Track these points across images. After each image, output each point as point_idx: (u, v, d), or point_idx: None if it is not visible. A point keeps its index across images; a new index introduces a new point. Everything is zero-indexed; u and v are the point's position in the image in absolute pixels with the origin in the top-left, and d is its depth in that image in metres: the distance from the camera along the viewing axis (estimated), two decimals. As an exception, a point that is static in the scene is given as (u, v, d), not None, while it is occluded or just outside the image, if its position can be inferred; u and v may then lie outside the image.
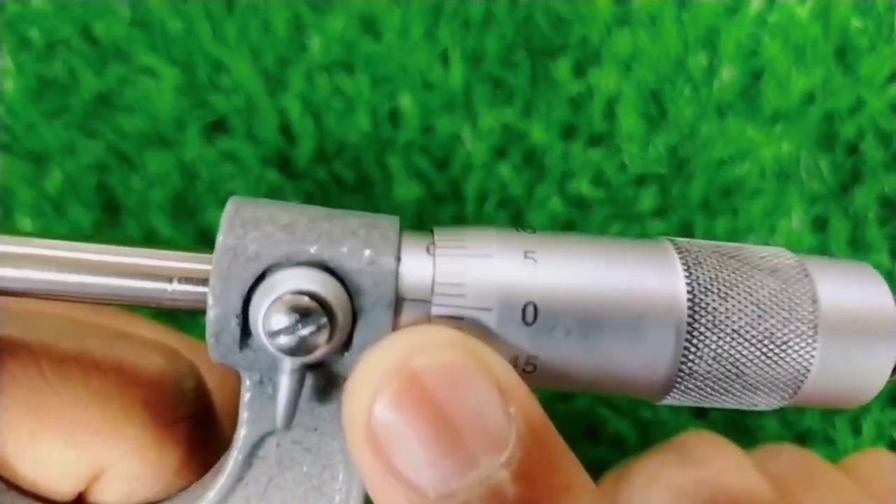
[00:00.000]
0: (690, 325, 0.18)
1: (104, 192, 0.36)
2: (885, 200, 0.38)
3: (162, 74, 0.36)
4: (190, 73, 0.37)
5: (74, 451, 0.20)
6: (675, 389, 0.19)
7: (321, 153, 0.37)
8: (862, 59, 0.38)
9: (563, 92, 0.38)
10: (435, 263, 0.18)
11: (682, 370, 0.18)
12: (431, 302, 0.17)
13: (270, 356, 0.17)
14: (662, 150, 0.38)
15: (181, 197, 0.36)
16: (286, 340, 0.16)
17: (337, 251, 0.17)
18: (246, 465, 0.19)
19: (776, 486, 0.25)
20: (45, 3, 0.37)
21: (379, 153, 0.37)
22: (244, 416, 0.19)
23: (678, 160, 0.38)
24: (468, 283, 0.17)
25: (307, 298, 0.16)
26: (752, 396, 0.19)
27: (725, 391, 0.19)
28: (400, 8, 0.37)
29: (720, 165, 0.38)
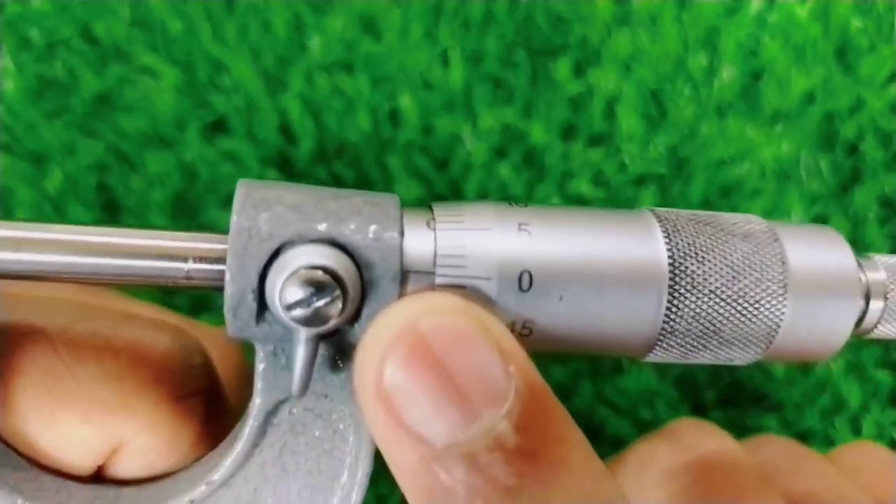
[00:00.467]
0: (671, 287, 0.19)
1: (104, 191, 0.36)
2: (884, 200, 0.38)
3: (162, 74, 0.36)
4: (190, 73, 0.37)
5: (92, 428, 0.21)
6: (657, 347, 0.20)
7: (321, 153, 0.37)
8: (862, 59, 0.38)
9: (563, 92, 0.38)
10: (436, 237, 0.19)
11: (664, 329, 0.20)
12: (435, 273, 0.19)
13: (285, 328, 0.18)
14: (662, 150, 0.38)
15: (181, 197, 0.36)
16: (302, 312, 0.17)
17: (345, 228, 0.18)
18: (261, 432, 0.20)
19: (765, 472, 0.26)
20: (45, 3, 0.37)
21: (379, 153, 0.37)
22: (259, 385, 0.20)
23: (678, 160, 0.38)
24: (468, 254, 0.19)
25: (320, 272, 0.17)
26: (728, 351, 0.21)
27: (704, 347, 0.20)
28: (400, 8, 0.37)
29: (720, 165, 0.38)
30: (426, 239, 0.19)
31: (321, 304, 0.17)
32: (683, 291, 0.19)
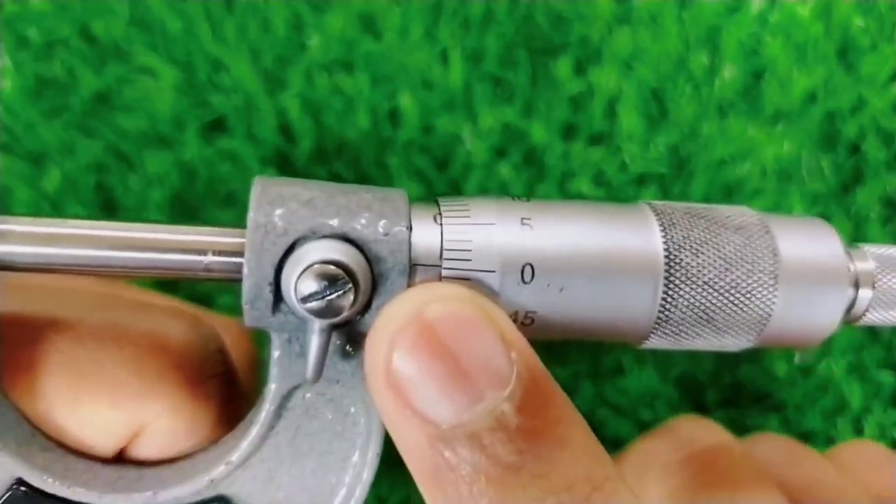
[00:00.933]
0: (667, 278, 0.20)
1: (103, 191, 0.36)
2: (886, 200, 0.38)
3: (161, 74, 0.36)
4: (189, 72, 0.37)
5: (114, 411, 0.22)
6: (653, 334, 0.21)
7: (321, 153, 0.37)
8: (863, 58, 0.38)
9: (563, 91, 0.37)
10: (442, 232, 0.20)
11: (660, 318, 0.21)
12: (441, 266, 0.19)
13: (300, 318, 0.19)
14: (663, 149, 0.38)
15: (180, 196, 0.36)
16: (316, 304, 0.18)
17: (356, 224, 0.19)
18: (276, 415, 0.21)
19: (762, 466, 0.26)
20: (43, 2, 0.36)
21: (379, 153, 0.37)
22: (274, 371, 0.21)
23: (679, 160, 0.38)
24: (473, 248, 0.19)
25: (333, 267, 0.18)
26: (721, 339, 0.21)
27: (698, 335, 0.21)
28: (400, 7, 0.37)
29: (721, 165, 0.38)
30: (433, 233, 0.20)
31: (334, 296, 0.18)
32: (678, 283, 0.20)
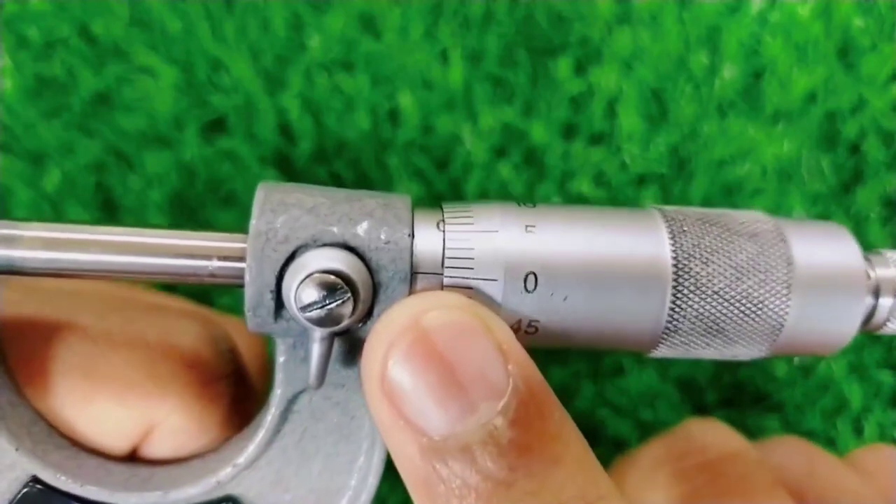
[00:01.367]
0: (675, 288, 0.20)
1: (102, 191, 0.36)
2: (886, 200, 0.38)
3: (161, 74, 0.36)
4: (189, 72, 0.37)
5: (126, 410, 0.22)
6: (661, 344, 0.20)
7: (320, 152, 0.37)
8: (863, 58, 0.38)
9: (563, 91, 0.37)
10: (445, 239, 0.19)
11: (667, 328, 0.20)
12: (443, 274, 0.19)
13: (302, 325, 0.19)
14: (663, 149, 0.38)
15: (180, 196, 0.36)
16: (316, 313, 0.18)
17: (357, 232, 0.19)
18: (282, 418, 0.21)
19: (778, 474, 0.26)
20: (43, 2, 0.36)
21: (379, 153, 0.37)
22: (280, 376, 0.21)
23: (679, 160, 0.38)
24: (476, 256, 0.19)
25: (333, 276, 0.18)
26: (732, 349, 0.21)
27: (707, 345, 0.21)
28: (400, 7, 0.37)
29: (721, 165, 0.38)
30: (435, 240, 0.19)
31: (333, 306, 0.18)
32: (687, 293, 0.20)
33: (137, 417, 0.22)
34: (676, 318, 0.20)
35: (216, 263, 0.19)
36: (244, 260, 0.19)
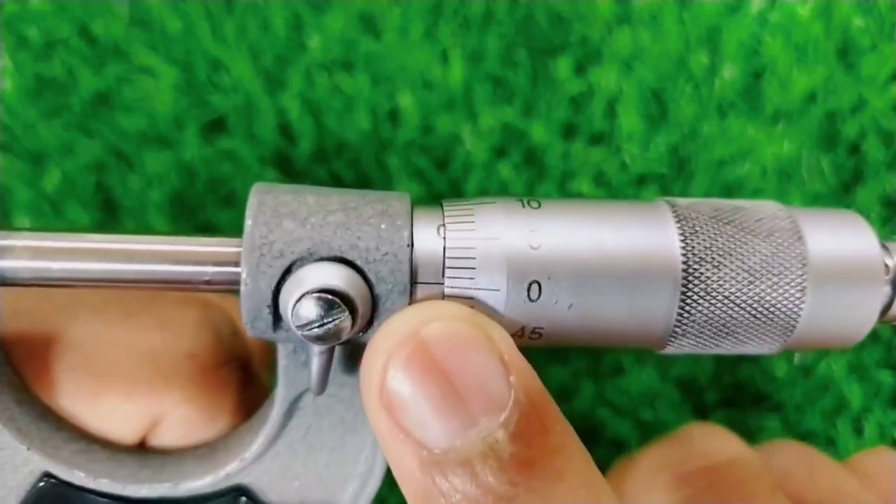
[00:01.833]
0: (684, 293, 0.19)
1: (103, 191, 0.36)
2: (886, 200, 0.38)
3: (161, 74, 0.36)
4: (189, 72, 0.37)
5: (132, 404, 0.22)
6: (669, 346, 0.20)
7: (320, 152, 0.37)
8: (863, 58, 0.38)
9: (563, 91, 0.37)
10: (445, 247, 0.19)
11: (675, 332, 0.20)
12: (444, 284, 0.19)
13: (301, 339, 0.19)
14: (663, 149, 0.38)
15: (180, 196, 0.36)
16: (313, 332, 0.18)
17: (353, 244, 0.18)
18: (287, 416, 0.22)
19: (778, 479, 0.25)
20: (43, 2, 0.36)
21: (378, 153, 0.37)
22: (282, 379, 0.21)
23: (679, 160, 0.38)
24: (477, 266, 0.19)
25: (329, 295, 0.18)
26: (742, 348, 0.21)
27: (717, 345, 0.20)
28: (400, 7, 0.37)
29: (721, 165, 0.38)
30: (436, 248, 0.19)
31: (331, 325, 0.18)
32: (696, 298, 0.19)
33: (143, 411, 0.23)
34: (685, 322, 0.19)
35: (212, 269, 0.19)
36: (240, 265, 0.19)
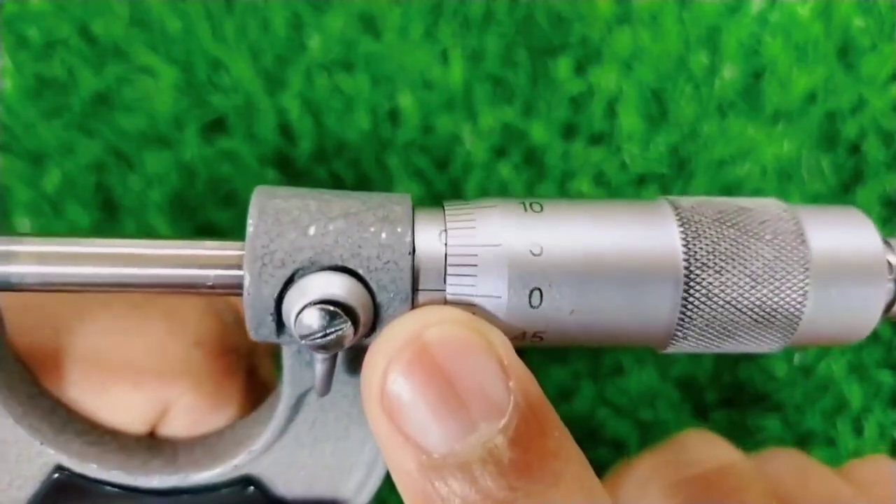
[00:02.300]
0: (685, 298, 0.19)
1: (103, 191, 0.36)
2: (886, 200, 0.38)
3: (161, 74, 0.36)
4: (189, 72, 0.37)
5: (140, 393, 0.23)
6: (670, 347, 0.20)
7: (321, 152, 0.37)
8: (864, 58, 0.38)
9: (563, 91, 0.37)
10: (447, 254, 0.19)
11: (676, 335, 0.20)
12: (445, 291, 0.19)
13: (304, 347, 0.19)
14: (663, 149, 0.38)
15: (180, 196, 0.36)
16: (316, 342, 0.18)
17: (355, 253, 0.19)
18: (294, 411, 0.22)
19: (772, 487, 0.25)
20: (43, 2, 0.36)
21: (379, 153, 0.37)
22: (287, 378, 0.21)
23: (679, 160, 0.38)
24: (479, 273, 0.19)
25: (331, 306, 0.18)
26: (744, 347, 0.21)
27: (718, 346, 0.20)
28: (400, 7, 0.37)
29: (721, 165, 0.38)
30: (437, 255, 0.19)
31: (333, 336, 0.18)
32: (698, 303, 0.19)
33: (152, 400, 0.23)
34: (685, 326, 0.19)
35: (215, 273, 0.19)
36: (243, 268, 0.19)
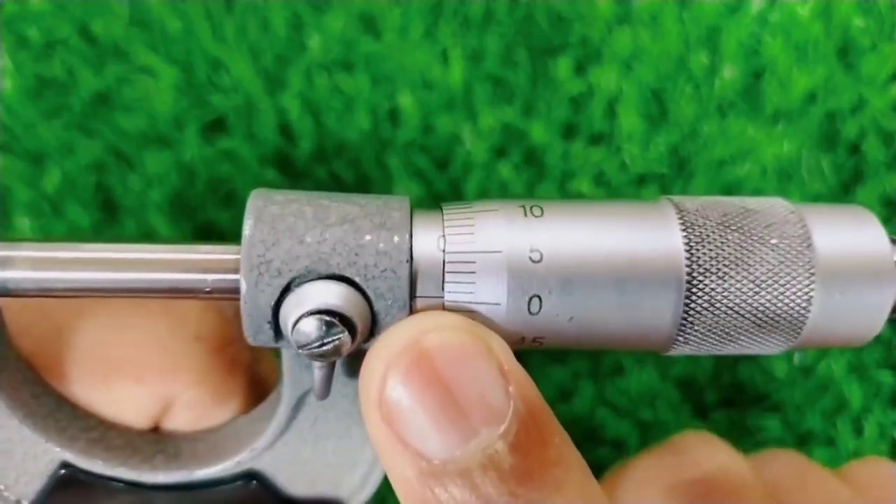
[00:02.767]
0: (687, 304, 0.19)
1: (103, 191, 0.36)
2: (886, 200, 0.38)
3: (161, 74, 0.36)
4: (189, 72, 0.37)
5: (143, 389, 0.23)
6: (672, 350, 0.20)
7: (321, 153, 0.37)
8: (863, 58, 0.38)
9: (563, 91, 0.37)
10: (445, 261, 0.19)
11: (677, 339, 0.19)
12: (444, 298, 0.19)
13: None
14: (663, 149, 0.38)
15: (180, 196, 0.36)
16: (313, 351, 0.18)
17: (352, 261, 0.18)
18: (295, 410, 0.22)
19: (771, 489, 0.25)
20: (43, 2, 0.36)
21: (378, 153, 0.37)
22: (287, 380, 0.22)
23: (679, 160, 0.38)
24: (477, 280, 0.19)
25: (328, 316, 0.18)
26: (747, 350, 0.20)
27: (720, 350, 0.20)
28: (400, 7, 0.37)
29: (721, 165, 0.38)
30: (435, 262, 0.19)
31: (330, 345, 0.18)
32: (700, 309, 0.19)
33: (155, 395, 0.23)
34: (687, 331, 0.19)
35: (213, 277, 0.19)
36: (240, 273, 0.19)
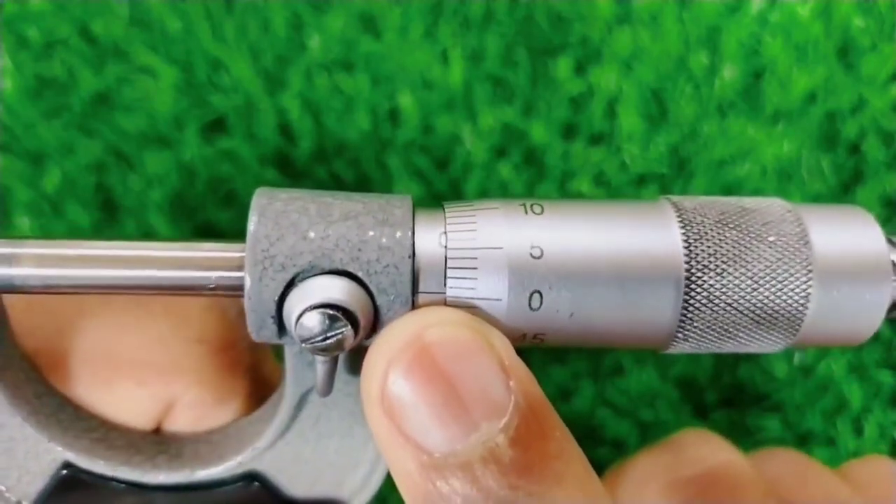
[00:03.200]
0: (686, 301, 0.19)
1: (103, 191, 0.36)
2: (886, 200, 0.38)
3: (161, 74, 0.36)
4: (189, 72, 0.37)
5: (145, 390, 0.23)
6: (671, 348, 0.20)
7: (320, 152, 0.37)
8: (864, 58, 0.38)
9: (563, 91, 0.37)
10: (447, 257, 0.19)
11: (677, 336, 0.20)
12: (445, 294, 0.19)
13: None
14: (663, 149, 0.38)
15: (180, 196, 0.36)
16: (316, 345, 0.18)
17: (355, 257, 0.19)
18: (297, 408, 0.22)
19: (771, 486, 0.25)
20: (43, 2, 0.36)
21: (378, 153, 0.37)
22: (290, 378, 0.22)
23: (679, 160, 0.38)
24: (479, 276, 0.19)
25: (331, 310, 0.18)
26: (746, 347, 0.21)
27: (719, 347, 0.21)
28: (400, 7, 0.37)
29: (721, 165, 0.38)
30: (437, 258, 0.19)
31: (333, 340, 0.18)
32: (699, 305, 0.19)
33: (157, 395, 0.23)
34: (686, 328, 0.20)
35: (217, 274, 0.19)
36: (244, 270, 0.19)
